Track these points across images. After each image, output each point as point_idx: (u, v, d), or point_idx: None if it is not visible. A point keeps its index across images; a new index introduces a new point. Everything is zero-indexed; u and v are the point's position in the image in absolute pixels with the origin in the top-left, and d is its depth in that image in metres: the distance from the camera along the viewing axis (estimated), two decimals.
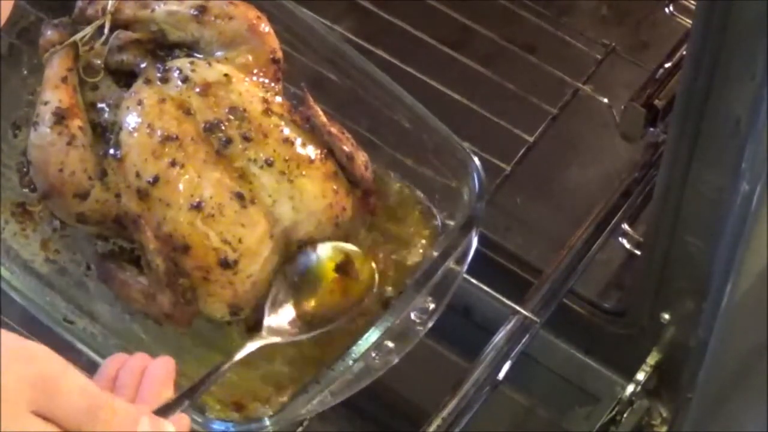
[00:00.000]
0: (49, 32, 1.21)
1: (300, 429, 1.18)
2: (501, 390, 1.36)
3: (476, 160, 1.19)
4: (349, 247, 1.17)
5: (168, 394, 0.93)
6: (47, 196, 1.16)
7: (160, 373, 0.93)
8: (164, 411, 0.92)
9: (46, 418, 0.81)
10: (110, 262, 1.17)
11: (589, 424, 1.41)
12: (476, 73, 1.48)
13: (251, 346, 1.10)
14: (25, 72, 1.28)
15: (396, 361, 1.12)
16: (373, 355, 1.12)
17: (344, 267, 1.16)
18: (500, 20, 1.55)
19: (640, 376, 1.38)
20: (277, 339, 1.12)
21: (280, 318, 1.13)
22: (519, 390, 1.48)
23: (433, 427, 1.20)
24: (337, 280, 1.16)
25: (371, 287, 1.15)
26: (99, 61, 1.20)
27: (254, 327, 1.16)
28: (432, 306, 1.15)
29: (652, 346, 1.37)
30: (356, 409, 1.42)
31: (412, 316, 1.14)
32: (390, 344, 1.13)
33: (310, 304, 1.14)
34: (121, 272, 1.16)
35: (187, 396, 0.98)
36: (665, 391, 1.40)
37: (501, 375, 1.24)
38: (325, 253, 1.16)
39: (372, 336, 1.12)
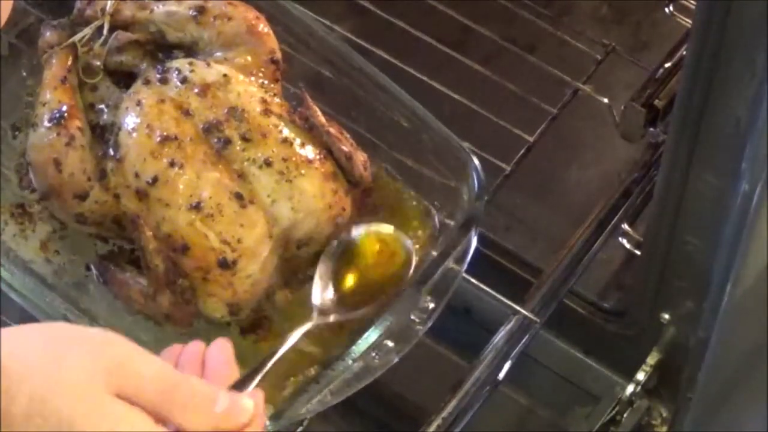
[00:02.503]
0: (48, 33, 1.21)
1: (300, 429, 1.18)
2: (501, 390, 1.36)
3: (476, 160, 1.18)
4: (385, 227, 1.17)
5: (234, 374, 0.92)
6: (46, 197, 1.16)
7: (221, 356, 0.92)
8: (239, 387, 0.92)
9: (130, 402, 0.81)
10: (110, 262, 1.18)
11: (589, 424, 1.41)
12: (476, 73, 1.48)
13: (304, 328, 1.09)
14: (25, 73, 1.28)
15: (396, 360, 1.12)
16: (373, 354, 1.12)
17: (383, 246, 1.15)
18: (500, 20, 1.55)
19: (640, 376, 1.38)
20: (327, 319, 1.11)
21: (326, 297, 1.13)
22: (519, 390, 1.49)
23: (433, 427, 1.20)
24: (376, 259, 1.15)
25: (409, 264, 1.15)
26: (98, 62, 1.20)
27: (250, 328, 1.17)
28: (432, 306, 1.15)
29: (652, 346, 1.37)
30: (356, 409, 1.42)
31: (412, 315, 1.14)
32: (390, 344, 1.13)
33: (353, 283, 1.14)
34: (120, 273, 1.16)
35: (255, 373, 0.98)
36: (665, 391, 1.40)
37: (501, 375, 1.24)
38: (363, 233, 1.16)
39: (372, 335, 1.12)
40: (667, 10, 1.55)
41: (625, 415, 1.39)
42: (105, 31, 1.20)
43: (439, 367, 1.46)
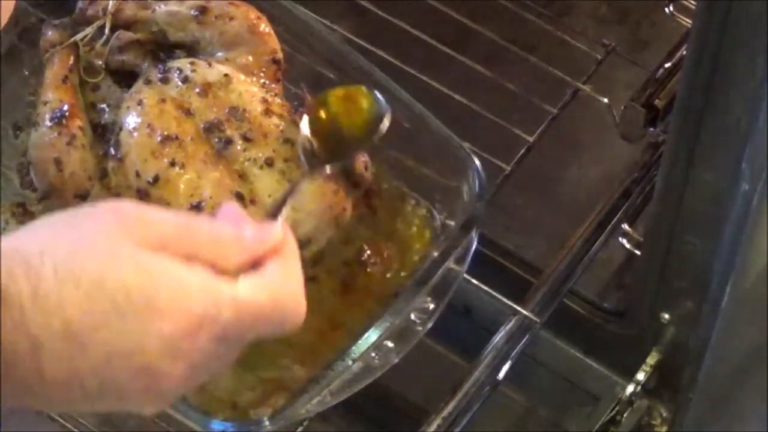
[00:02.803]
0: (49, 32, 1.21)
1: (300, 429, 1.18)
2: (501, 390, 1.36)
3: (476, 160, 1.18)
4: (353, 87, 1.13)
5: (248, 218, 0.86)
6: (47, 196, 1.16)
7: (231, 211, 0.86)
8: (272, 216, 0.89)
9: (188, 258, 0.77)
10: None
11: (589, 424, 1.41)
12: (476, 73, 1.48)
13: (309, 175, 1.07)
14: (26, 72, 1.28)
15: (396, 361, 1.12)
16: (373, 355, 1.12)
17: (349, 98, 1.12)
18: (500, 20, 1.55)
19: (640, 376, 1.38)
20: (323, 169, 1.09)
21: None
22: (519, 390, 1.48)
23: (433, 427, 1.20)
24: (344, 112, 1.11)
25: (381, 116, 1.10)
26: (99, 62, 1.21)
27: None
28: (432, 306, 1.15)
29: (652, 346, 1.37)
30: (356, 409, 1.42)
31: (412, 316, 1.14)
32: (390, 344, 1.13)
33: (327, 132, 1.10)
34: None
35: (283, 204, 0.94)
36: (665, 391, 1.40)
37: (501, 375, 1.24)
38: (330, 93, 1.12)
39: (372, 336, 1.12)
40: (667, 10, 1.55)
41: (625, 415, 1.39)
42: (107, 31, 1.21)
43: (439, 367, 1.45)
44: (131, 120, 1.15)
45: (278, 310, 0.81)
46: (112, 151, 1.15)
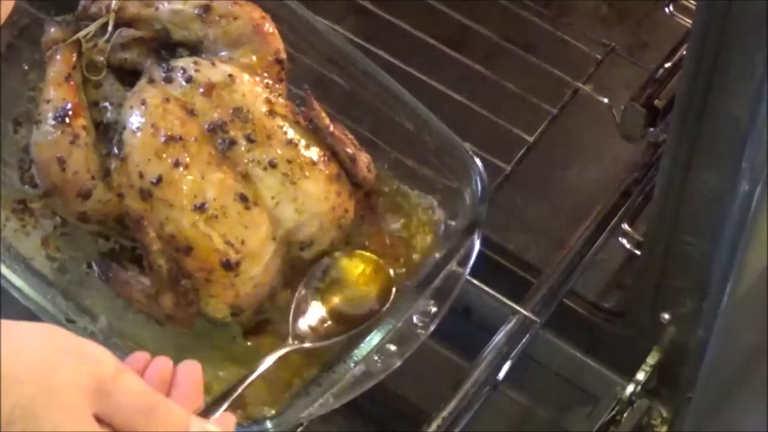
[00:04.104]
0: (52, 29, 1.20)
1: (300, 429, 1.18)
2: (501, 390, 1.36)
3: (479, 162, 1.18)
4: (366, 254, 1.18)
5: (201, 398, 0.92)
6: (49, 195, 1.16)
7: (191, 378, 0.92)
8: (206, 414, 0.93)
9: (100, 420, 0.81)
10: (112, 260, 1.17)
11: (589, 424, 1.41)
12: (476, 73, 1.48)
13: (278, 353, 1.10)
14: (26, 67, 1.28)
15: (398, 364, 1.12)
16: (375, 358, 1.12)
17: (365, 271, 1.16)
18: (500, 20, 1.55)
19: (640, 376, 1.38)
20: (306, 345, 1.12)
21: (306, 321, 1.13)
22: (519, 390, 1.48)
23: (433, 427, 1.20)
24: (359, 285, 1.16)
25: (389, 294, 1.15)
26: (101, 58, 1.20)
27: (250, 329, 1.16)
28: (434, 309, 1.15)
29: (652, 346, 1.37)
30: (356, 410, 1.42)
31: (414, 319, 1.14)
32: (392, 347, 1.13)
33: (336, 306, 1.15)
34: (122, 272, 1.16)
35: (225, 398, 0.99)
36: (665, 391, 1.40)
37: (501, 375, 1.24)
38: (345, 258, 1.17)
39: (374, 339, 1.12)
40: (667, 10, 1.55)
41: (625, 415, 1.39)
42: (110, 29, 1.20)
43: (439, 367, 1.45)
44: (134, 120, 1.15)
45: None
46: (115, 150, 1.15)
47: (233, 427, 0.92)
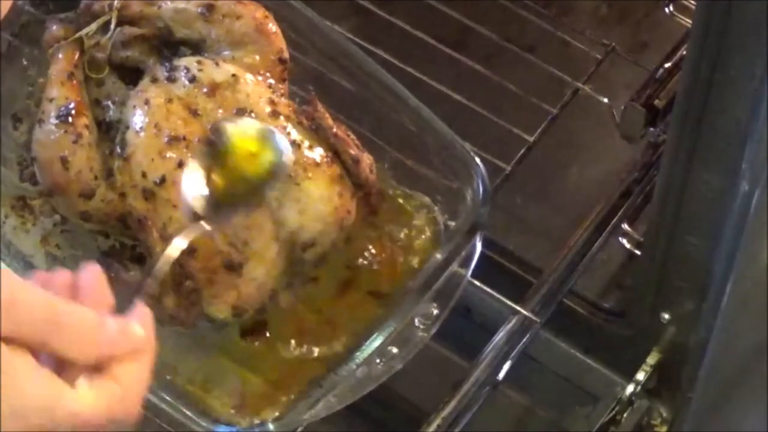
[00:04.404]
0: (54, 27, 1.20)
1: (300, 429, 1.18)
2: (501, 390, 1.36)
3: (480, 164, 1.18)
4: (250, 122, 1.08)
5: (108, 298, 0.84)
6: (51, 194, 1.16)
7: (93, 278, 0.84)
8: (120, 311, 0.85)
9: (10, 341, 0.77)
10: (113, 259, 1.17)
11: (589, 424, 1.41)
12: (476, 73, 1.48)
13: (190, 234, 0.97)
14: (25, 62, 1.27)
15: (400, 367, 1.12)
16: (377, 360, 1.12)
17: (252, 143, 1.04)
18: (500, 20, 1.55)
19: (640, 376, 1.38)
20: (203, 224, 0.98)
21: (199, 199, 1.00)
22: (519, 390, 1.48)
23: (433, 427, 1.20)
24: (247, 157, 1.03)
25: (281, 157, 1.03)
26: (102, 55, 1.20)
27: (250, 330, 1.16)
28: (436, 312, 1.15)
29: (652, 346, 1.37)
30: (356, 410, 1.42)
31: (416, 321, 1.14)
32: (394, 350, 1.13)
33: (224, 183, 1.01)
34: (124, 272, 1.15)
35: (137, 291, 0.88)
36: (665, 391, 1.40)
37: (501, 375, 1.24)
38: (229, 131, 1.04)
39: (376, 341, 1.12)
40: (667, 10, 1.55)
41: (625, 415, 1.39)
42: (112, 26, 1.20)
43: (439, 367, 1.45)
44: (138, 119, 1.14)
45: (115, 422, 0.80)
46: (118, 149, 1.15)
47: (151, 320, 0.84)
